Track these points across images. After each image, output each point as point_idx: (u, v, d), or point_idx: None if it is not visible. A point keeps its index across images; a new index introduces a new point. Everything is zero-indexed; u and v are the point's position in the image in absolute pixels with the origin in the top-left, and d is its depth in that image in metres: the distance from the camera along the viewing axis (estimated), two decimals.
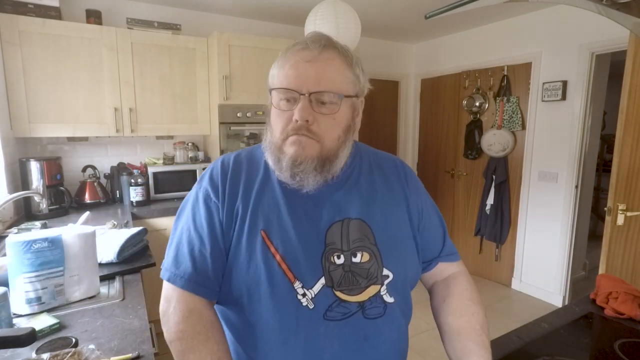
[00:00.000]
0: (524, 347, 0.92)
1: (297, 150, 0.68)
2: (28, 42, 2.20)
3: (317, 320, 0.67)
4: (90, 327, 1.01)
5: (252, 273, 0.68)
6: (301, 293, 0.67)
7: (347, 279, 0.70)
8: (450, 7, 0.86)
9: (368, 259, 0.72)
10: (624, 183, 1.89)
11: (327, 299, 0.68)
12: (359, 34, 2.16)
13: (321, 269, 0.69)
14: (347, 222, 0.73)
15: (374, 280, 0.72)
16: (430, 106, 4.11)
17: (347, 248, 0.71)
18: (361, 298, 0.70)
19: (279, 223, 0.71)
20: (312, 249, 0.70)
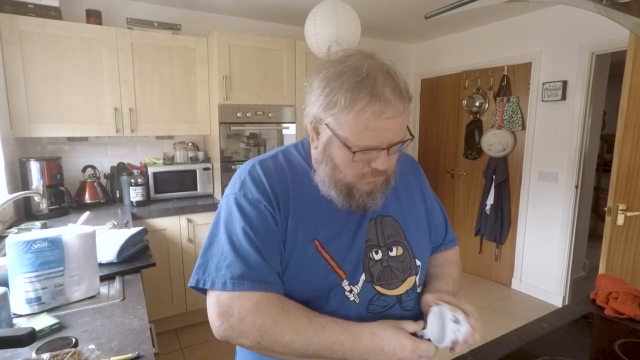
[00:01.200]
0: (524, 347, 0.92)
1: (373, 187, 0.73)
2: (28, 42, 2.20)
3: (360, 310, 0.73)
4: (90, 327, 1.01)
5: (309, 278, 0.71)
6: (348, 290, 0.72)
7: (385, 273, 0.75)
8: (450, 7, 0.86)
9: (402, 252, 0.78)
10: (624, 183, 1.89)
11: (369, 294, 0.73)
12: (359, 34, 2.16)
13: (362, 266, 0.74)
14: (380, 219, 0.78)
15: (409, 272, 0.78)
16: (430, 106, 4.11)
17: (383, 243, 0.76)
18: (399, 291, 0.76)
19: (329, 229, 0.73)
20: (354, 247, 0.74)
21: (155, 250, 2.37)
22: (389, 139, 0.66)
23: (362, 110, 0.63)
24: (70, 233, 1.15)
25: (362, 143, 0.66)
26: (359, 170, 0.70)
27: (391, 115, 0.64)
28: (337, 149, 0.69)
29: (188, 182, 2.82)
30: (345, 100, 0.64)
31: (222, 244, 0.70)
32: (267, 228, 0.70)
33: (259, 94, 2.78)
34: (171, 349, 2.48)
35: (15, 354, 0.86)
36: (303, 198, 0.74)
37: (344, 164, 0.70)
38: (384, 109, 0.63)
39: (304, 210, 0.73)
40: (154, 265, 1.51)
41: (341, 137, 0.67)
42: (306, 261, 0.71)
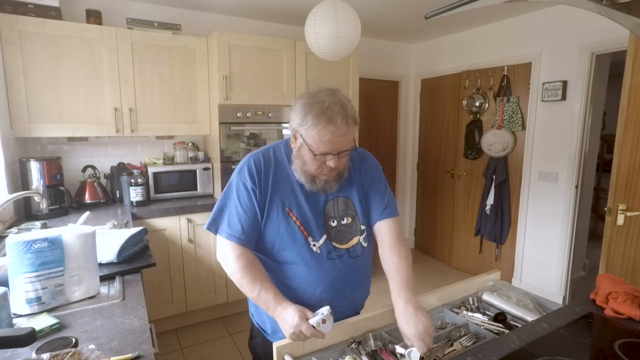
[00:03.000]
0: (524, 347, 0.92)
1: (328, 177, 1.10)
2: (28, 42, 2.20)
3: (322, 259, 1.11)
4: (90, 327, 1.01)
5: (282, 233, 1.09)
6: (312, 244, 1.11)
7: (339, 235, 1.15)
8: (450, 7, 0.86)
9: (351, 221, 1.17)
10: (624, 183, 1.89)
11: (327, 247, 1.13)
12: (359, 34, 2.16)
13: (324, 229, 1.13)
14: (337, 199, 1.16)
15: (355, 234, 1.17)
16: (430, 106, 4.11)
17: (337, 215, 1.15)
18: (347, 246, 1.15)
19: (296, 202, 1.11)
20: (317, 217, 1.13)
21: (155, 250, 2.37)
22: (338, 148, 1.03)
23: (322, 129, 0.99)
24: (70, 233, 1.15)
25: (321, 150, 1.02)
26: (318, 166, 1.06)
27: (339, 134, 1.01)
28: (305, 151, 1.05)
29: (188, 182, 2.82)
30: (313, 121, 1.00)
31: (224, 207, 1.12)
32: (249, 201, 1.09)
33: (258, 94, 2.78)
34: (171, 349, 2.48)
35: (15, 354, 0.86)
36: (281, 181, 1.12)
37: (309, 161, 1.06)
38: (335, 130, 1.00)
39: (281, 189, 1.11)
40: (154, 265, 1.51)
41: (308, 144, 1.03)
42: (281, 221, 1.09)
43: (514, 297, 1.26)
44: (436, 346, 1.02)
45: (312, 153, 1.02)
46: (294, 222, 1.09)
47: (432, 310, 1.23)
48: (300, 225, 1.10)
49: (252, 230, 1.08)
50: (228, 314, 2.89)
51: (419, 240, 4.43)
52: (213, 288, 2.73)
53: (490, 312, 1.23)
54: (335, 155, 1.03)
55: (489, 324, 1.14)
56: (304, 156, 1.06)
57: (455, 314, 1.20)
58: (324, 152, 1.01)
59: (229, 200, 1.11)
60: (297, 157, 1.08)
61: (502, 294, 1.29)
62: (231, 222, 1.08)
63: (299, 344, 0.97)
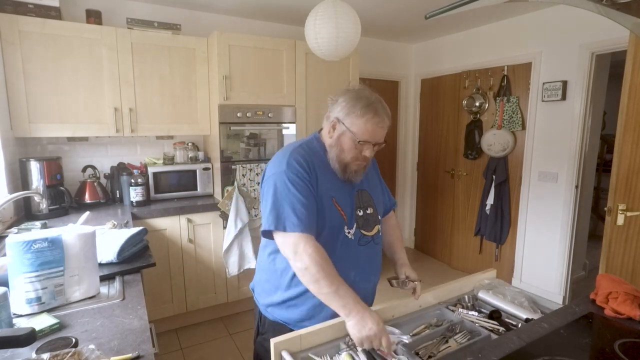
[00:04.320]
0: (524, 347, 0.92)
1: (359, 168, 1.20)
2: (28, 42, 2.20)
3: (355, 244, 1.21)
4: (90, 327, 1.01)
5: (330, 222, 1.16)
6: (347, 232, 1.20)
7: (365, 222, 1.24)
8: (450, 7, 0.86)
9: (372, 211, 1.27)
10: (624, 183, 1.89)
11: (358, 234, 1.22)
12: (359, 34, 2.16)
13: (354, 218, 1.22)
14: (360, 192, 1.26)
15: (375, 222, 1.27)
16: (430, 106, 4.11)
17: (363, 205, 1.25)
18: (372, 233, 1.25)
19: (338, 193, 1.20)
20: (351, 207, 1.22)
21: (155, 250, 2.37)
22: (377, 139, 1.16)
23: (370, 119, 1.12)
24: (70, 233, 1.15)
25: (364, 137, 1.14)
26: (355, 155, 1.16)
27: (382, 126, 1.15)
28: (347, 140, 1.15)
29: (188, 182, 2.82)
30: (361, 112, 1.12)
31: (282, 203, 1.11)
32: (308, 191, 1.13)
33: (259, 94, 2.78)
34: (171, 349, 2.48)
35: (15, 354, 0.86)
36: (322, 172, 1.18)
37: (348, 149, 1.16)
38: (379, 122, 1.14)
39: (324, 179, 1.18)
40: (154, 265, 1.51)
41: (353, 132, 1.14)
42: (328, 209, 1.16)
43: (509, 295, 1.28)
44: (431, 343, 1.04)
45: (353, 141, 1.13)
46: (338, 212, 1.17)
47: (429, 308, 1.27)
48: (344, 215, 1.18)
49: (314, 219, 1.13)
50: (228, 314, 2.89)
51: (419, 240, 4.43)
52: (213, 288, 2.73)
53: (486, 309, 1.26)
54: (373, 145, 1.15)
55: (484, 321, 1.15)
56: (344, 144, 1.15)
57: (451, 311, 1.23)
58: (365, 140, 1.13)
59: (286, 196, 1.11)
60: (335, 146, 1.17)
61: (498, 292, 1.31)
62: (299, 215, 1.08)
63: (296, 340, 0.98)
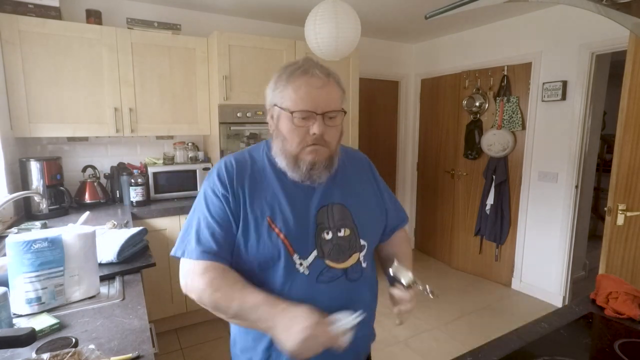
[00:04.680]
0: (524, 347, 0.92)
1: (314, 156, 0.88)
2: (28, 42, 2.20)
3: (312, 282, 0.87)
4: (90, 327, 1.01)
5: (262, 250, 0.86)
6: (298, 263, 0.87)
7: (335, 250, 0.90)
8: (450, 7, 0.86)
9: (349, 233, 0.93)
10: (624, 183, 1.89)
11: (319, 267, 0.88)
12: (359, 34, 2.16)
13: (314, 244, 0.89)
14: (331, 206, 0.93)
15: (354, 249, 0.93)
16: (430, 106, 4.11)
17: (333, 226, 0.91)
18: (345, 265, 0.91)
19: (280, 210, 0.89)
20: (306, 228, 0.89)
21: (155, 250, 2.36)
22: (322, 106, 0.85)
23: (297, 81, 0.85)
24: (70, 233, 1.15)
25: (299, 107, 0.85)
26: (300, 137, 0.87)
27: (317, 85, 0.85)
28: (284, 121, 0.88)
29: (188, 182, 2.82)
30: (286, 78, 0.87)
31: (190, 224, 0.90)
32: (222, 212, 0.88)
33: (259, 94, 2.78)
34: (171, 349, 2.48)
35: (15, 354, 0.86)
36: (260, 185, 0.91)
37: (289, 133, 0.87)
38: (312, 80, 0.85)
39: (260, 195, 0.90)
40: (154, 265, 1.51)
41: (284, 107, 0.86)
42: (261, 233, 0.87)
43: None
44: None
45: (290, 120, 0.85)
46: (276, 234, 0.86)
47: None
48: (284, 238, 0.86)
49: (227, 244, 0.87)
50: None
51: (419, 240, 4.43)
52: None
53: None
54: (320, 115, 0.85)
55: None
56: (283, 129, 0.88)
57: None
58: (302, 110, 0.84)
59: (196, 213, 0.90)
60: (276, 137, 0.91)
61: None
62: (201, 237, 0.86)
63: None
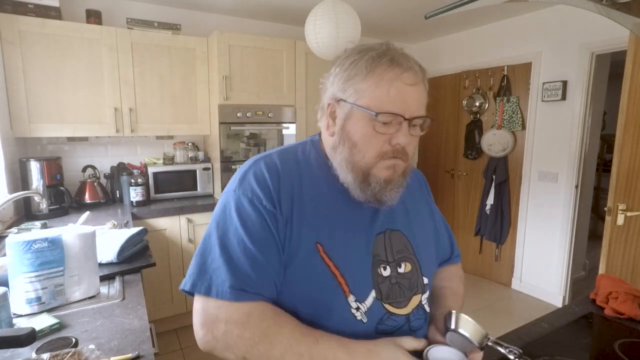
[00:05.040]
0: (524, 347, 0.92)
1: (392, 173, 0.67)
2: (28, 42, 2.20)
3: (371, 334, 0.66)
4: (90, 327, 1.01)
5: (309, 286, 0.65)
6: (355, 307, 0.66)
7: (394, 290, 0.70)
8: (450, 7, 0.86)
9: (410, 269, 0.73)
10: (624, 183, 1.89)
11: (378, 313, 0.68)
12: (359, 34, 2.16)
13: (372, 282, 0.68)
14: (389, 234, 0.73)
15: (415, 290, 0.73)
16: (430, 106, 4.01)
17: (392, 259, 0.71)
18: (407, 310, 0.71)
19: (333, 234, 0.67)
20: (362, 261, 0.69)
21: (155, 250, 2.37)
22: (411, 109, 0.64)
23: (383, 73, 0.63)
24: (70, 233, 1.15)
25: (387, 108, 0.63)
26: (378, 147, 0.65)
27: (412, 81, 0.64)
28: (357, 123, 0.65)
29: (188, 182, 2.82)
30: (367, 67, 0.63)
31: (213, 246, 0.65)
32: (265, 231, 0.64)
33: (258, 94, 2.78)
34: (171, 349, 2.48)
35: (15, 354, 0.86)
36: (313, 197, 0.68)
37: (363, 140, 0.65)
38: (404, 73, 0.63)
39: (310, 210, 0.67)
40: (154, 265, 1.51)
41: (362, 105, 0.64)
42: (307, 266, 0.64)
43: None
44: None
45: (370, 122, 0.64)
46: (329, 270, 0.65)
47: None
48: (337, 272, 0.65)
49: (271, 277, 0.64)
50: None
51: None
52: None
53: None
54: (406, 122, 0.64)
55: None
56: (355, 132, 0.65)
57: None
58: (390, 112, 0.62)
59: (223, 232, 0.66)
60: (342, 142, 0.67)
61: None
62: (239, 267, 0.62)
63: None
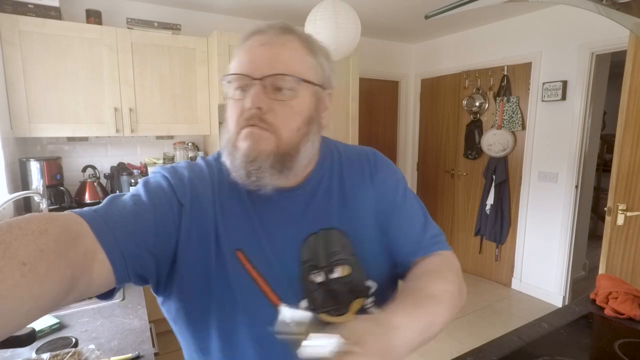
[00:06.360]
0: (524, 347, 0.92)
1: (251, 144, 0.58)
2: (28, 42, 2.20)
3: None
4: (90, 327, 1.01)
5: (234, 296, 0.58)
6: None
7: (330, 298, 0.63)
8: (450, 7, 0.86)
9: (349, 272, 0.65)
10: (624, 183, 1.89)
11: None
12: (358, 34, 2.16)
13: (302, 290, 0.62)
14: (323, 234, 0.64)
15: (359, 293, 0.65)
16: (430, 106, 4.11)
17: (325, 263, 0.63)
18: (348, 318, 0.64)
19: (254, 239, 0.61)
20: (289, 268, 0.61)
21: None
22: (261, 69, 0.57)
23: (244, 42, 0.60)
24: None
25: (233, 70, 0.59)
26: (236, 115, 0.59)
27: (266, 40, 0.58)
28: (229, 103, 0.61)
29: None
30: (238, 46, 0.61)
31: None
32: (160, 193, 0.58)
33: None
34: (171, 349, 2.47)
35: (15, 354, 0.86)
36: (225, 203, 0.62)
37: (228, 112, 0.61)
38: (258, 35, 0.59)
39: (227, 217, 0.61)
40: None
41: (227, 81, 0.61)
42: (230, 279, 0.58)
43: None
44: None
45: (227, 89, 0.61)
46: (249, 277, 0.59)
47: None
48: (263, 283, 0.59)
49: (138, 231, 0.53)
50: None
51: None
52: None
53: None
54: (258, 82, 0.57)
55: None
56: (227, 113, 0.62)
57: None
58: (236, 73, 0.59)
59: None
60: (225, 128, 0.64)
61: None
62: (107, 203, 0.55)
63: None
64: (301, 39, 0.62)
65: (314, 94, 0.63)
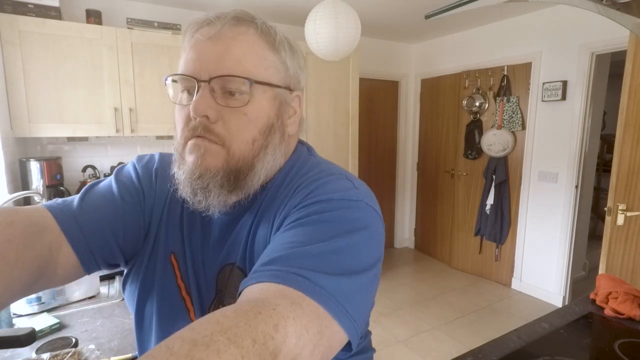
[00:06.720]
0: (524, 347, 0.92)
1: (195, 159, 0.50)
2: (28, 42, 2.20)
3: None
4: (90, 327, 1.01)
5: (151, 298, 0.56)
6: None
7: None
8: (450, 7, 0.86)
9: None
10: (624, 183, 1.89)
11: None
12: (359, 34, 2.16)
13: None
14: (230, 269, 0.55)
15: None
16: (430, 106, 4.11)
17: (228, 302, 0.54)
18: None
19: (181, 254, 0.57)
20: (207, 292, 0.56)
21: None
22: (208, 69, 0.48)
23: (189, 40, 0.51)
24: None
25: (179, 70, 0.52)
26: (182, 123, 0.52)
27: (214, 33, 0.49)
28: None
29: None
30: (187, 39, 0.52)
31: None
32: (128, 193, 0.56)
33: None
34: None
35: (15, 354, 0.86)
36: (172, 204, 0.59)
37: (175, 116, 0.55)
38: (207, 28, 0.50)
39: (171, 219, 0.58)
40: None
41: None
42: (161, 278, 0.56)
43: None
44: None
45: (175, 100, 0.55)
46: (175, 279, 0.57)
47: None
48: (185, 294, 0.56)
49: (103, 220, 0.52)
50: None
51: (419, 240, 4.43)
52: None
53: None
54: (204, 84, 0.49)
55: None
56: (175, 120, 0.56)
57: None
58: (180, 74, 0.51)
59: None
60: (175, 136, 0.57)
61: None
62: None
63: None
64: (259, 30, 0.52)
65: (274, 98, 0.53)
